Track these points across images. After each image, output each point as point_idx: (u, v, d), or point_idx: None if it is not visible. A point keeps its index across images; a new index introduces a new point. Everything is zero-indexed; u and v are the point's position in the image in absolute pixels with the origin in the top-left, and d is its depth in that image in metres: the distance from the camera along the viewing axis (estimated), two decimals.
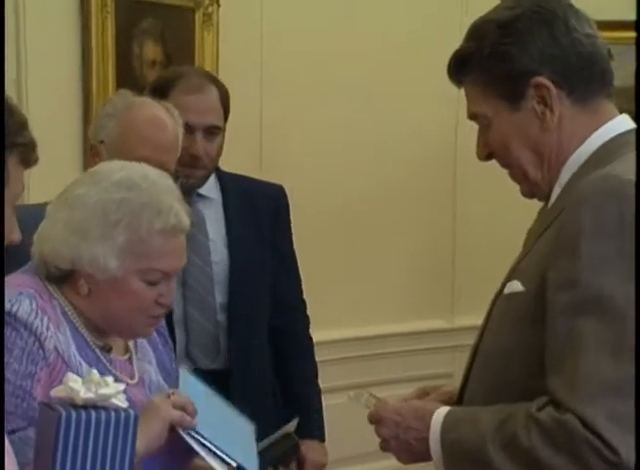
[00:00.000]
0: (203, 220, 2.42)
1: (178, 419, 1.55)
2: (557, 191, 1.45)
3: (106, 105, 2.29)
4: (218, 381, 2.32)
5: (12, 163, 1.37)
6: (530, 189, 1.50)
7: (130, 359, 1.75)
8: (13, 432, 1.53)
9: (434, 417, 1.42)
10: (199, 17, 3.46)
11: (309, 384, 2.53)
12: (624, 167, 1.34)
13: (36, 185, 2.17)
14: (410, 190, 3.74)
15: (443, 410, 1.44)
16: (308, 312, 2.60)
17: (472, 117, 1.51)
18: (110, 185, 1.66)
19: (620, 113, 1.50)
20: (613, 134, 1.43)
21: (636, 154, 3.58)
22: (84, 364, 1.64)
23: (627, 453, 1.24)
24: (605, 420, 1.24)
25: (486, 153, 1.52)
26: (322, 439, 2.49)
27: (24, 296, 1.62)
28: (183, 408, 1.57)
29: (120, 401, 1.38)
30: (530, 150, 1.45)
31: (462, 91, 1.56)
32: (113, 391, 1.38)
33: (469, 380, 1.49)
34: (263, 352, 2.42)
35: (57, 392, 1.38)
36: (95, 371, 1.40)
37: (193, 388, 1.67)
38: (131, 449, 1.40)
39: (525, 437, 1.30)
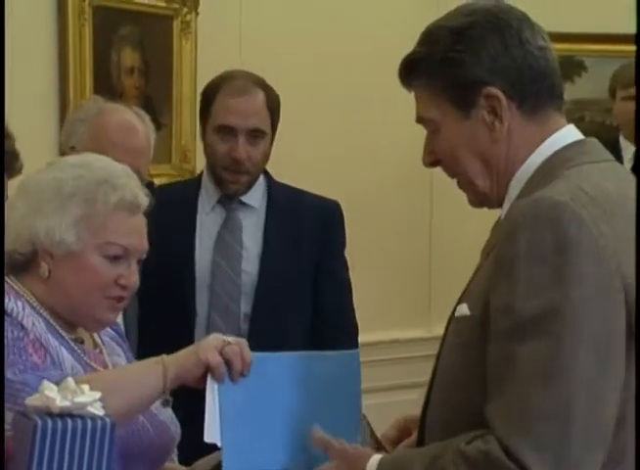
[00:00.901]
0: (239, 228, 2.42)
1: (213, 365, 1.52)
2: (506, 207, 1.45)
3: (77, 111, 2.31)
4: None
5: None
6: (478, 199, 1.49)
7: (101, 352, 1.75)
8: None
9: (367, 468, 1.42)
10: (177, 24, 3.48)
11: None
12: (559, 188, 1.34)
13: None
14: (387, 199, 3.77)
15: (374, 461, 1.42)
16: None
17: (420, 121, 1.50)
18: (65, 166, 1.69)
19: (596, 123, 1.50)
20: (558, 146, 1.42)
21: (635, 153, 3.54)
22: (63, 349, 1.65)
23: None
24: (529, 449, 1.23)
25: (433, 160, 1.51)
26: None
27: None
28: (229, 361, 1.54)
29: (97, 410, 1.38)
30: (479, 159, 1.44)
31: None
32: (89, 399, 1.38)
33: (429, 402, 1.48)
34: None
35: (33, 400, 1.37)
36: (70, 379, 1.39)
37: (279, 372, 1.57)
38: (108, 458, 1.39)
39: None
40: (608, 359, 1.26)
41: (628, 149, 3.45)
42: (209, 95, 2.44)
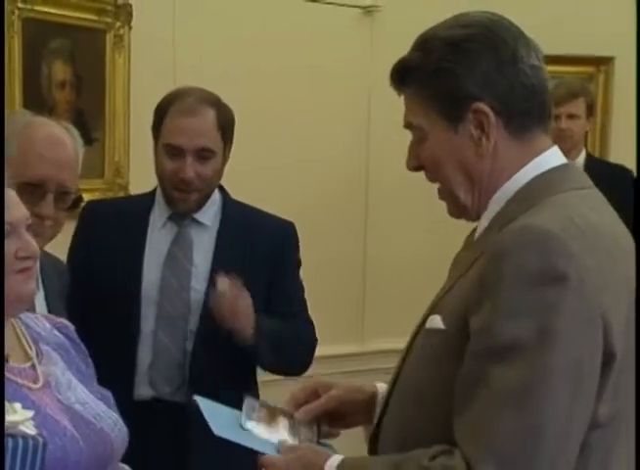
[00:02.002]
0: (190, 246, 2.39)
1: None
2: (484, 224, 1.45)
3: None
4: (178, 415, 2.32)
5: None
6: (458, 211, 1.48)
7: (33, 366, 1.71)
8: None
9: None
10: (110, 38, 3.45)
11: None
12: (550, 217, 1.33)
13: None
14: (321, 215, 3.78)
15: (334, 461, 1.41)
16: None
17: (407, 126, 1.48)
18: None
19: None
20: (543, 169, 1.41)
21: (636, 156, 3.36)
22: None
23: None
24: (492, 469, 1.24)
25: (416, 165, 1.49)
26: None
27: None
28: None
29: (29, 429, 1.36)
30: (462, 172, 1.43)
31: (372, 122, 1.58)
32: (21, 418, 1.36)
33: (387, 410, 1.48)
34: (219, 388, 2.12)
35: None
36: (18, 404, 1.37)
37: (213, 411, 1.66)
38: None
39: None
40: (580, 391, 1.27)
41: None
42: (160, 113, 2.40)
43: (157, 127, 2.39)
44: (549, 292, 1.25)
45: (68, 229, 2.47)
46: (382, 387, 1.60)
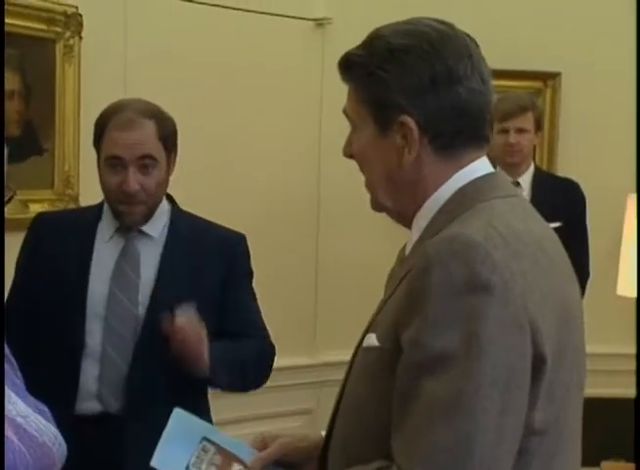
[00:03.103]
0: (137, 259, 2.39)
1: None
2: (414, 238, 1.45)
3: None
4: (121, 431, 2.32)
5: None
6: (377, 207, 1.50)
7: None
8: None
9: None
10: (59, 48, 3.41)
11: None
12: (474, 226, 1.34)
13: None
14: (272, 226, 3.79)
15: None
16: None
17: (344, 113, 1.48)
18: None
19: None
20: (466, 180, 1.41)
21: (636, 156, 3.54)
22: None
23: None
24: None
25: (349, 153, 1.49)
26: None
27: None
28: None
29: None
30: (385, 176, 1.44)
31: (324, 134, 1.59)
32: None
33: (333, 428, 1.48)
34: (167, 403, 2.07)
35: None
36: None
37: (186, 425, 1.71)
38: None
39: None
40: (511, 398, 1.26)
41: None
42: (100, 128, 2.40)
43: (97, 142, 2.38)
44: (474, 301, 1.25)
45: (17, 240, 2.45)
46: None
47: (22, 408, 1.70)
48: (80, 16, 3.37)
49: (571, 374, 1.37)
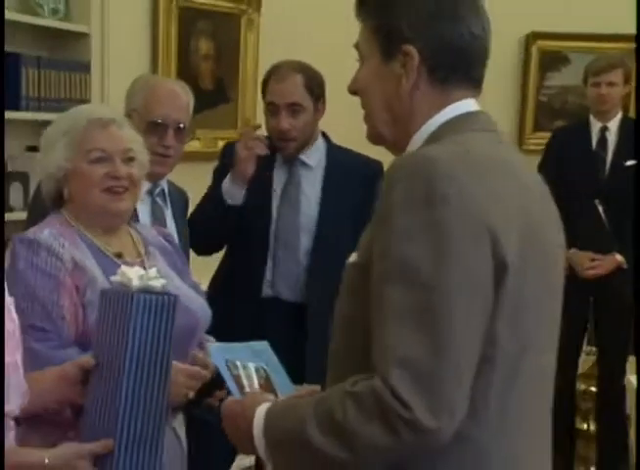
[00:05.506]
0: (299, 181, 2.80)
1: None
2: None
3: (135, 83, 2.64)
4: (297, 312, 2.75)
5: None
6: (374, 137, 1.50)
7: (142, 261, 1.93)
8: (36, 328, 1.74)
9: (255, 417, 1.38)
10: (244, 21, 4.03)
11: None
12: (440, 148, 1.35)
13: None
14: None
15: (264, 407, 1.39)
16: None
17: (355, 46, 1.49)
18: (63, 115, 2.06)
19: (576, 104, 1.64)
20: (452, 115, 1.42)
21: (634, 146, 3.79)
22: (100, 270, 1.85)
23: (423, 414, 1.21)
24: (406, 384, 1.22)
25: (353, 88, 1.49)
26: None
27: (44, 228, 1.87)
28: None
29: (165, 289, 1.58)
30: (385, 105, 1.44)
31: None
32: (159, 283, 1.57)
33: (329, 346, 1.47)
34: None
35: (116, 278, 1.58)
36: (154, 269, 1.61)
37: (221, 354, 1.69)
38: (172, 325, 1.56)
39: (340, 410, 1.26)
40: (474, 301, 1.26)
41: (595, 125, 3.98)
42: (264, 82, 2.82)
43: (263, 92, 2.83)
44: (435, 213, 1.25)
45: (209, 168, 2.95)
46: None
47: (177, 283, 1.97)
48: None
49: (541, 288, 1.36)
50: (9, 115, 3.04)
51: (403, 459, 1.28)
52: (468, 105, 1.44)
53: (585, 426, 4.24)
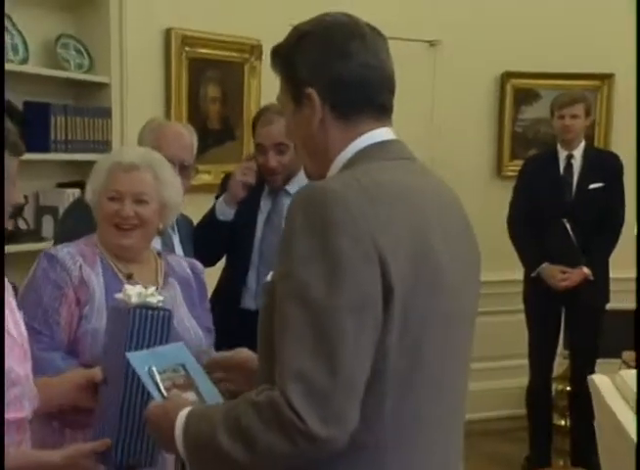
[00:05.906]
0: (281, 209, 2.96)
1: None
2: None
3: (146, 125, 2.83)
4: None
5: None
6: (308, 175, 1.57)
7: (156, 288, 1.89)
8: (34, 330, 1.83)
9: (177, 420, 1.43)
10: (247, 68, 4.23)
11: None
12: (335, 179, 1.41)
13: None
14: None
15: (185, 411, 1.44)
16: None
17: (277, 99, 1.56)
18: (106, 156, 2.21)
19: (547, 134, 1.66)
20: (362, 146, 1.47)
21: (636, 152, 4.33)
22: (103, 288, 1.96)
23: (316, 424, 1.27)
24: (300, 397, 1.27)
25: (288, 139, 1.61)
26: None
27: (67, 246, 2.02)
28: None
29: (160, 303, 1.68)
30: (305, 147, 1.52)
31: (436, 154, 1.90)
32: (155, 299, 1.67)
33: None
34: None
35: (119, 296, 1.68)
36: (152, 288, 1.70)
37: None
38: (167, 337, 1.67)
39: (245, 418, 1.31)
40: (365, 319, 1.31)
41: (562, 153, 4.26)
42: (253, 124, 3.02)
43: (253, 133, 3.02)
44: (329, 238, 1.31)
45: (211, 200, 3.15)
46: None
47: (182, 311, 2.07)
48: (261, 46, 4.13)
49: (434, 306, 1.40)
50: (40, 156, 3.38)
51: (302, 464, 1.34)
52: (381, 134, 1.49)
53: (562, 422, 4.56)
